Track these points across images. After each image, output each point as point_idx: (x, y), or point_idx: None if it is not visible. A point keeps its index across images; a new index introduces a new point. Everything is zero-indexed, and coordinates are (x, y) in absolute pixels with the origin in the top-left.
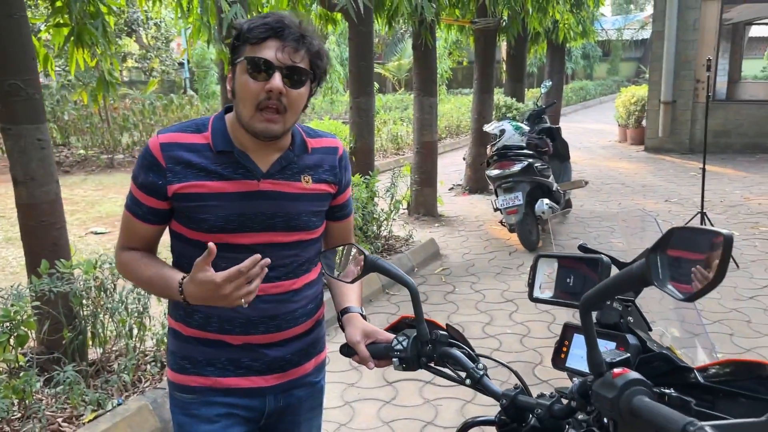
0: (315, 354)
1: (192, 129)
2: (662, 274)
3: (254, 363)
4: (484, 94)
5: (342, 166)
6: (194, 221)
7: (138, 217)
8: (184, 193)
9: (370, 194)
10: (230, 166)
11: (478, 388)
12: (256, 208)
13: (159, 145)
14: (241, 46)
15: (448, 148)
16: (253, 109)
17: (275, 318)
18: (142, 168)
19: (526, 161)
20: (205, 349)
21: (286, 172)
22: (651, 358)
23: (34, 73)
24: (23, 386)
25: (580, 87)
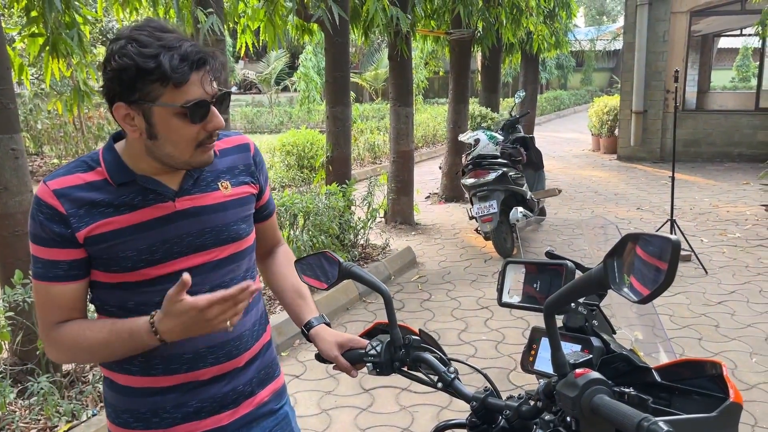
0: (270, 381)
1: (83, 168)
2: (618, 277)
3: (204, 404)
4: (459, 104)
5: (257, 163)
6: (114, 262)
7: (59, 279)
8: (95, 235)
9: (347, 203)
10: (138, 194)
11: (449, 391)
12: (179, 230)
13: (52, 192)
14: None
15: (425, 157)
16: (192, 149)
17: (224, 346)
18: (42, 224)
19: (501, 170)
20: (147, 399)
21: (200, 183)
22: (612, 358)
23: (8, 83)
24: None
25: (554, 97)
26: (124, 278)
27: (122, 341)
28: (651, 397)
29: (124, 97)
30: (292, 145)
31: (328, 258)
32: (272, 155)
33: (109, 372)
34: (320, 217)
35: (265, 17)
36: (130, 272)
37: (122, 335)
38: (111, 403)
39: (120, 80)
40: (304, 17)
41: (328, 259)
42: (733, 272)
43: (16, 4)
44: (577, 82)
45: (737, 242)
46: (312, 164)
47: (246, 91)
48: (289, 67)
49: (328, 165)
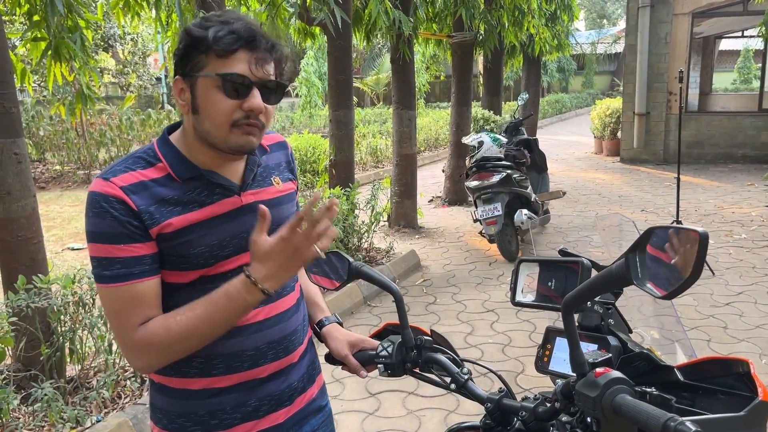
0: (316, 376)
1: (141, 165)
2: (641, 273)
3: (262, 402)
4: (461, 107)
5: (293, 161)
6: (185, 260)
7: (144, 275)
8: (168, 232)
9: (350, 206)
10: (204, 190)
11: (463, 392)
12: (246, 224)
13: (120, 189)
14: (202, 57)
15: (427, 160)
16: (227, 126)
17: (282, 341)
18: (117, 219)
19: (505, 172)
20: (206, 401)
21: (258, 178)
22: (632, 357)
23: (11, 87)
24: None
25: (555, 100)
26: (192, 276)
27: (220, 309)
28: (674, 397)
29: (180, 69)
30: (295, 150)
31: (335, 259)
32: None
33: (161, 377)
34: None
35: (268, 20)
36: (198, 269)
37: (219, 303)
38: (163, 409)
39: (179, 53)
40: (307, 20)
41: (336, 259)
42: (740, 273)
43: (18, 8)
44: (579, 85)
45: (743, 243)
46: (314, 168)
47: None
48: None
49: (331, 169)
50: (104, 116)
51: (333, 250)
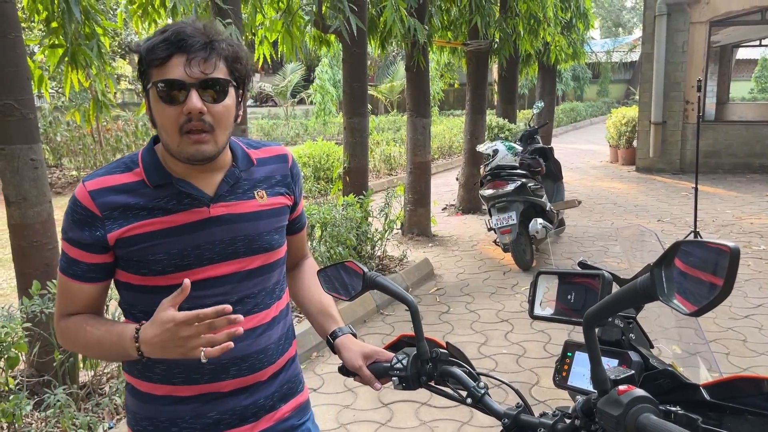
0: (292, 396)
1: (121, 169)
2: (667, 288)
3: (223, 416)
4: (476, 115)
5: (294, 175)
6: (145, 265)
7: (77, 278)
8: (128, 237)
9: (364, 214)
10: (173, 198)
11: (479, 407)
12: (211, 236)
13: (88, 193)
14: (147, 71)
15: (441, 168)
16: (178, 134)
17: (247, 358)
18: (75, 223)
19: (520, 181)
20: (166, 407)
21: (236, 191)
22: (655, 375)
23: (28, 93)
24: (13, 409)
25: (570, 108)
26: (153, 282)
27: (111, 344)
28: (700, 417)
29: (143, 88)
30: (309, 157)
31: (350, 268)
32: None
33: (131, 378)
34: (338, 228)
35: (283, 28)
36: (159, 276)
37: (112, 337)
38: (131, 410)
39: (138, 73)
40: (322, 28)
41: (350, 269)
42: (760, 285)
43: (36, 15)
44: (594, 94)
45: (762, 255)
46: (328, 175)
47: (262, 104)
48: (304, 80)
49: (345, 176)
50: (120, 122)
51: (348, 260)
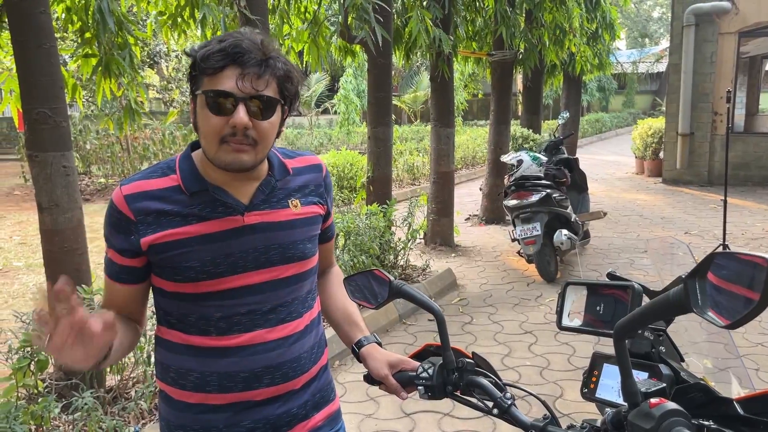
0: (325, 405)
1: (158, 174)
2: (701, 300)
3: (257, 425)
4: (500, 125)
5: (327, 185)
6: (178, 272)
7: (112, 278)
8: (162, 243)
9: (387, 223)
10: (208, 206)
11: (505, 418)
12: (245, 245)
13: (123, 198)
14: (198, 77)
15: (464, 178)
16: (217, 144)
17: (280, 367)
18: (111, 226)
19: (544, 192)
20: (200, 416)
21: (271, 200)
22: (687, 388)
23: (61, 102)
24: (41, 412)
25: (595, 119)
26: (186, 289)
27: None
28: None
29: (191, 92)
30: (333, 166)
31: (376, 277)
32: None
33: (164, 385)
34: (361, 237)
35: (309, 39)
36: (192, 283)
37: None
38: (165, 417)
39: (188, 77)
40: (348, 39)
41: (376, 277)
42: None
43: (70, 26)
44: (619, 105)
45: None
46: (351, 185)
47: None
48: (328, 90)
49: (368, 185)
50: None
51: (373, 268)
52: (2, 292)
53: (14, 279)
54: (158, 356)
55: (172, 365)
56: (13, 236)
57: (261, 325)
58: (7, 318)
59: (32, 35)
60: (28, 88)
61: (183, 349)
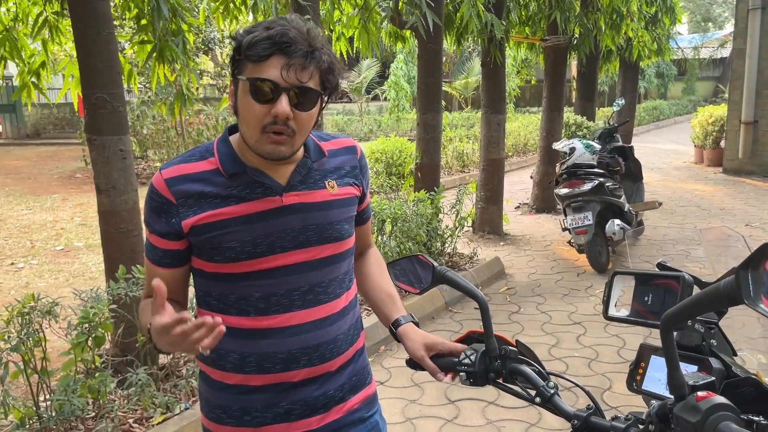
0: (361, 388)
1: (196, 157)
2: (754, 291)
3: (294, 406)
4: (553, 112)
5: (362, 167)
6: (218, 252)
7: (154, 262)
8: (202, 224)
9: (435, 210)
10: (246, 187)
11: (548, 407)
12: (283, 225)
13: (164, 181)
14: (242, 61)
15: (515, 166)
16: (258, 132)
17: (317, 348)
18: (152, 210)
19: (597, 180)
20: (239, 396)
21: (308, 180)
22: (738, 383)
23: (119, 87)
24: (98, 386)
25: (653, 107)
26: (226, 269)
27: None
28: None
29: (232, 74)
30: (381, 153)
31: (421, 262)
32: None
33: (204, 366)
34: (408, 223)
35: (360, 24)
36: (232, 263)
37: (144, 329)
38: (205, 398)
39: (230, 57)
40: (398, 24)
41: (420, 262)
42: None
43: (127, 13)
44: (678, 92)
45: None
46: (400, 171)
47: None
48: (379, 76)
49: (417, 172)
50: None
51: (417, 254)
52: (63, 271)
53: (75, 258)
54: None
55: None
56: (74, 217)
57: (299, 305)
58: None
59: (92, 22)
60: (88, 74)
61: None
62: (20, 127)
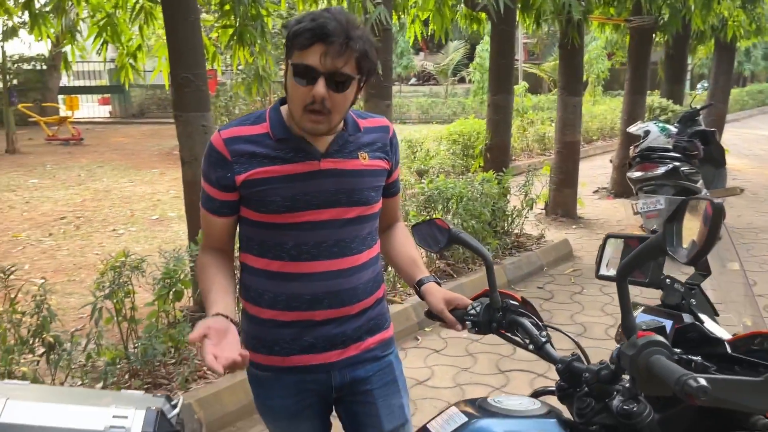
0: (378, 331)
1: (250, 122)
2: (676, 241)
3: (317, 341)
4: (635, 95)
5: (393, 144)
6: (263, 204)
7: (213, 212)
8: (252, 179)
9: (502, 191)
10: (291, 151)
11: (540, 354)
12: (319, 186)
13: (222, 140)
14: (290, 47)
15: (599, 150)
16: (301, 110)
17: (338, 294)
18: (210, 165)
19: (671, 164)
20: (271, 329)
21: (344, 150)
22: (686, 328)
23: (202, 68)
24: (178, 335)
25: (758, 90)
26: (268, 219)
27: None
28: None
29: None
30: (459, 135)
31: (438, 226)
32: (439, 144)
33: (245, 303)
34: (473, 202)
35: (434, 7)
36: (273, 214)
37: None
38: (245, 330)
39: (285, 45)
40: (471, 5)
41: (438, 226)
42: None
43: None
44: None
45: None
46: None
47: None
48: (467, 58)
49: (486, 152)
50: None
51: (435, 218)
52: (157, 238)
53: (168, 227)
54: (241, 278)
55: (252, 286)
56: (169, 190)
57: (325, 256)
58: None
59: (180, 9)
60: (175, 56)
61: (260, 271)
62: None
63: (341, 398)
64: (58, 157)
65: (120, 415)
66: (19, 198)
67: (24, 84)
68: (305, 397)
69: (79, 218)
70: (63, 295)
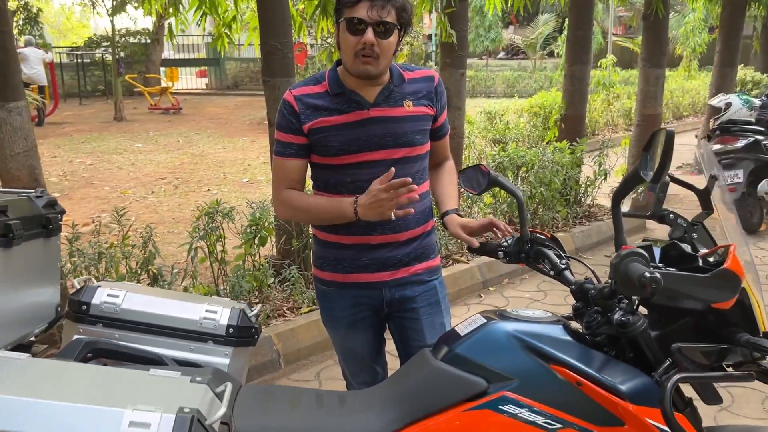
0: (425, 259)
1: (313, 82)
2: (649, 167)
3: (372, 262)
4: (725, 68)
5: (438, 92)
6: (325, 150)
7: (290, 156)
8: (315, 128)
9: (574, 160)
10: (345, 103)
11: (560, 279)
12: (369, 131)
13: (293, 97)
14: (341, 9)
15: (689, 126)
16: (353, 56)
17: (390, 222)
18: (284, 116)
19: (753, 138)
20: (334, 250)
21: (390, 100)
22: (669, 247)
23: (288, 37)
24: (261, 277)
25: None
26: (329, 161)
27: (332, 207)
28: None
29: (335, 21)
30: (540, 107)
31: (481, 170)
32: (519, 116)
33: (315, 230)
34: (543, 170)
35: None
36: (333, 157)
37: (333, 203)
38: (314, 252)
39: (334, 10)
40: None
41: (481, 171)
42: None
43: None
44: None
45: None
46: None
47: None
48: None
49: (561, 122)
50: None
51: (479, 164)
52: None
53: (257, 189)
54: None
55: None
56: (259, 156)
57: None
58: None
59: None
60: (265, 26)
61: None
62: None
63: (391, 314)
64: (160, 125)
65: (212, 310)
66: (126, 160)
67: (130, 56)
68: (361, 310)
69: (178, 179)
70: (163, 244)
